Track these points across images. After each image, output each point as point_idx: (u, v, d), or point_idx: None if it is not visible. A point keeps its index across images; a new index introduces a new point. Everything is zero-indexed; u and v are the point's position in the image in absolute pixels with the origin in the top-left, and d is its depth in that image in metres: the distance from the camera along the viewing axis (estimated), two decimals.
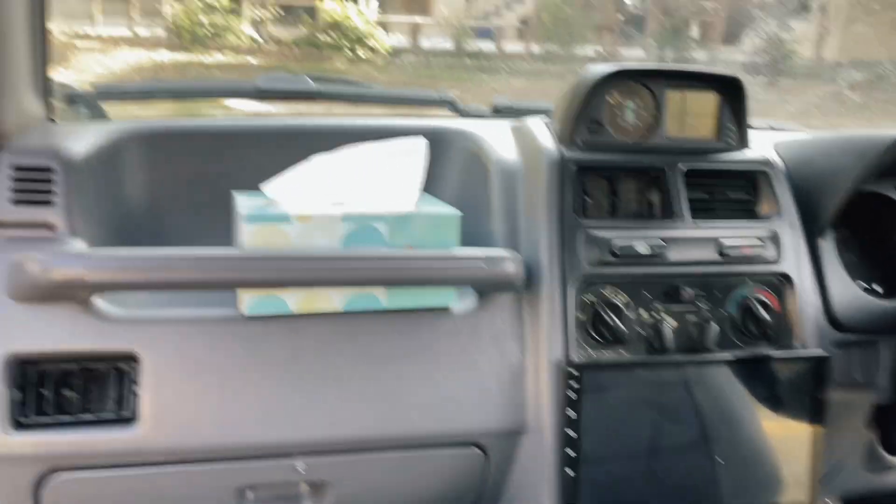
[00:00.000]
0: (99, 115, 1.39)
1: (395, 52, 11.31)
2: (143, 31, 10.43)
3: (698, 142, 1.29)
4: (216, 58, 10.12)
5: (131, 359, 1.02)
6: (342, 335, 1.10)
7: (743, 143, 1.31)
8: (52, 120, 1.21)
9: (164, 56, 9.93)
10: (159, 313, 1.04)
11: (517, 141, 1.31)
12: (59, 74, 1.24)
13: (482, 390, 1.14)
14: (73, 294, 0.98)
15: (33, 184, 1.05)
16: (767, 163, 1.31)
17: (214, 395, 1.04)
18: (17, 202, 1.05)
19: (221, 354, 1.04)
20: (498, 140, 1.32)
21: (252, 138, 1.29)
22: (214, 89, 1.40)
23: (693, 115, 1.29)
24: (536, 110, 1.56)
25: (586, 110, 1.24)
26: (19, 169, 1.06)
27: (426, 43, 12.14)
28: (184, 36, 10.28)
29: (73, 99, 1.32)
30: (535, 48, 11.90)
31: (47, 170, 1.06)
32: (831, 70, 11.43)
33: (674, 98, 1.28)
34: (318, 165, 1.13)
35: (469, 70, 11.02)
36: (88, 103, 1.34)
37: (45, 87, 1.16)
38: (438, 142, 1.36)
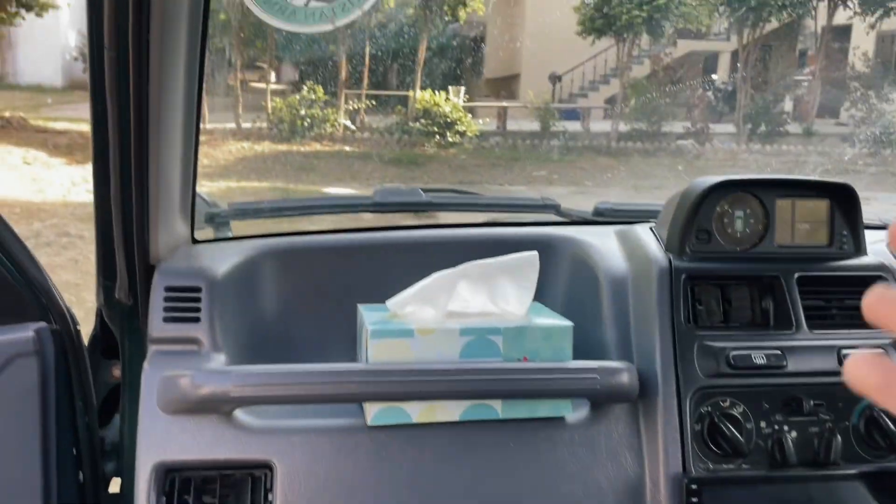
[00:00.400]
0: (227, 232, 1.52)
1: (483, 136, 11.61)
2: (247, 125, 11.15)
3: (811, 249, 1.29)
4: (314, 147, 10.68)
5: (267, 467, 1.08)
6: (460, 444, 1.13)
7: (858, 249, 1.30)
8: (195, 239, 1.33)
9: (266, 147, 10.57)
10: (292, 423, 1.11)
11: (624, 248, 1.34)
12: None
13: (599, 502, 1.14)
14: (217, 407, 1.06)
15: (183, 303, 1.16)
16: (885, 268, 1.29)
17: (341, 502, 1.08)
18: (168, 320, 1.15)
19: (348, 462, 1.10)
20: (604, 247, 1.36)
21: (372, 251, 1.38)
22: (335, 204, 1.51)
23: (804, 223, 1.29)
24: (639, 212, 1.60)
25: (695, 220, 1.26)
26: (171, 289, 1.17)
27: (513, 125, 12.41)
28: (284, 127, 10.92)
29: (212, 218, 1.45)
30: (622, 126, 11.97)
31: (195, 289, 1.17)
32: None
33: (783, 206, 1.29)
34: (437, 280, 1.19)
35: (556, 150, 11.17)
36: (225, 221, 1.47)
37: (192, 211, 1.29)
38: (545, 248, 1.41)
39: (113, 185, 1.11)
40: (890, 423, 1.18)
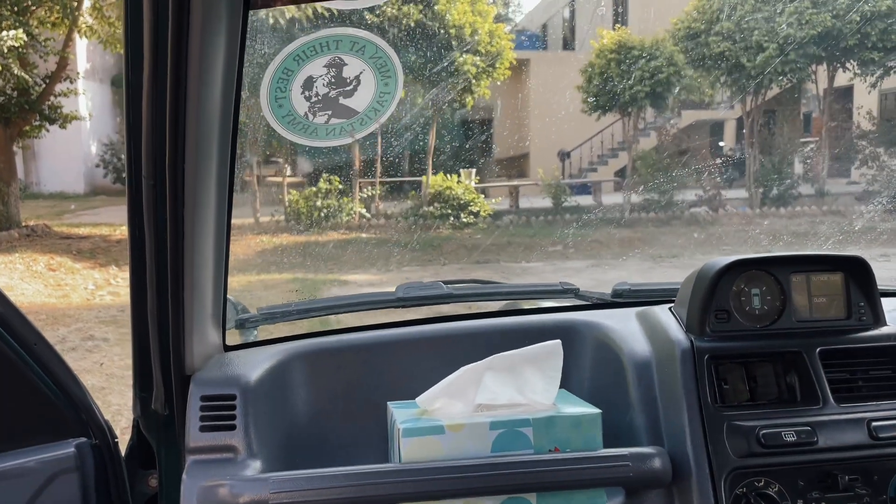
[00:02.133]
0: (254, 334, 1.56)
1: (497, 215, 11.77)
2: (265, 219, 11.40)
3: (830, 322, 1.31)
4: (331, 236, 10.86)
5: None
6: None
7: (878, 319, 1.31)
8: (227, 346, 1.37)
9: (285, 239, 10.76)
10: None
11: (645, 330, 1.37)
12: None
13: None
14: None
15: (218, 411, 1.19)
16: None
17: None
18: (205, 429, 1.18)
19: None
20: (626, 330, 1.38)
21: (399, 347, 1.41)
22: (360, 302, 1.56)
23: (821, 296, 1.31)
24: (657, 291, 1.62)
25: (713, 300, 1.29)
26: (207, 399, 1.20)
27: (525, 203, 12.59)
28: (301, 219, 11.14)
29: (243, 323, 1.49)
30: (635, 198, 12.10)
31: (230, 397, 1.20)
32: None
33: (798, 281, 1.31)
34: (465, 374, 1.22)
35: (569, 225, 11.27)
36: (253, 326, 1.51)
37: (223, 319, 1.33)
38: (568, 334, 1.44)
39: (150, 301, 1.16)
40: None
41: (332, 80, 1.14)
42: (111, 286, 8.20)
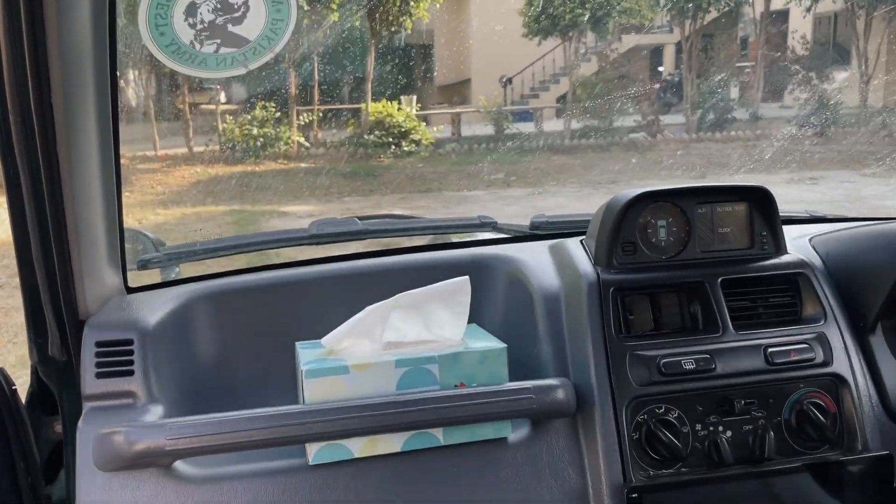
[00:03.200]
0: (170, 273, 1.51)
1: (439, 143, 11.65)
2: (199, 148, 11.03)
3: (733, 252, 1.33)
4: (269, 166, 10.61)
5: None
6: (404, 474, 1.14)
7: (779, 248, 1.34)
8: (128, 288, 1.32)
9: (221, 169, 10.46)
10: (233, 469, 1.11)
11: (556, 263, 1.37)
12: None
13: None
14: (154, 461, 1.05)
15: (115, 357, 1.15)
16: (805, 265, 1.33)
17: None
18: (101, 375, 1.15)
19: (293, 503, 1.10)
20: (538, 263, 1.38)
21: (309, 285, 1.38)
22: (271, 240, 1.51)
23: (724, 227, 1.33)
24: (574, 223, 1.63)
25: (619, 233, 1.30)
26: (101, 344, 1.16)
27: (467, 130, 12.48)
28: (237, 148, 10.83)
29: (146, 265, 1.44)
30: (575, 124, 12.11)
31: (127, 342, 1.16)
32: (878, 115, 11.31)
33: (703, 213, 1.33)
34: (372, 312, 1.20)
35: (511, 152, 11.26)
36: (159, 266, 1.46)
37: (122, 260, 1.28)
38: (482, 269, 1.43)
39: (34, 244, 1.10)
40: (820, 416, 1.22)
41: (218, 5, 1.06)
42: None
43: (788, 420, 1.24)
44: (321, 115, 11.69)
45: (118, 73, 1.07)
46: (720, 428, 1.21)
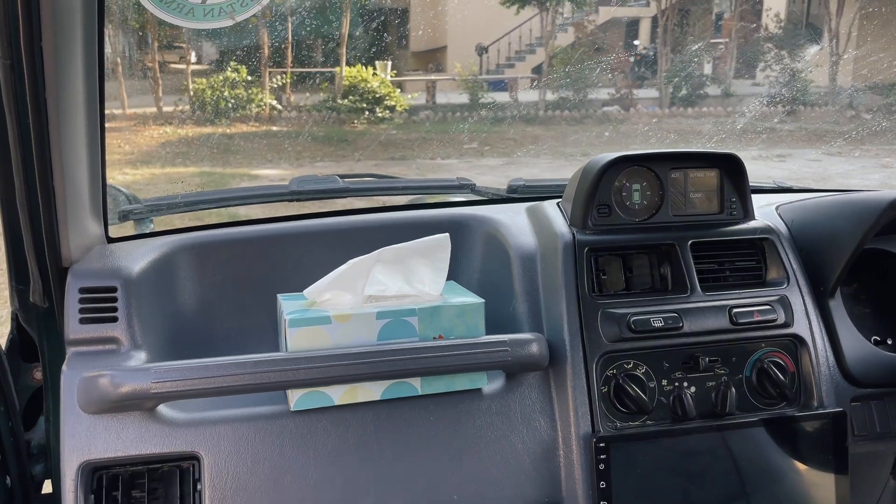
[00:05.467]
0: (149, 226, 1.51)
1: (413, 110, 11.59)
2: (168, 108, 10.83)
3: (703, 216, 1.38)
4: (240, 128, 10.47)
5: (194, 458, 1.11)
6: (382, 422, 1.18)
7: (747, 214, 1.39)
8: (109, 238, 1.33)
9: (191, 130, 10.30)
10: (216, 414, 1.14)
11: (533, 224, 1.41)
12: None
13: (517, 466, 1.21)
14: (139, 404, 1.08)
15: (98, 303, 1.17)
16: (771, 230, 1.38)
17: (270, 487, 1.12)
18: (85, 321, 1.16)
19: (274, 447, 1.13)
20: (515, 224, 1.42)
21: (291, 240, 1.40)
22: (252, 195, 1.53)
23: (696, 192, 1.38)
24: (550, 187, 1.66)
25: (595, 195, 1.33)
26: (85, 291, 1.17)
27: (442, 98, 12.42)
28: (207, 109, 10.65)
29: (126, 216, 1.44)
30: (550, 95, 12.12)
31: (111, 289, 1.18)
32: (847, 95, 11.49)
33: (677, 177, 1.37)
34: (354, 266, 1.23)
35: (485, 122, 11.24)
36: (141, 218, 1.46)
37: (103, 210, 1.29)
38: (460, 228, 1.47)
39: (18, 190, 1.10)
40: (779, 374, 1.29)
41: None
42: None
43: (749, 377, 1.30)
44: (294, 77, 11.53)
45: (105, 23, 1.07)
46: (685, 384, 1.27)
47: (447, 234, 1.27)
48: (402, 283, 1.24)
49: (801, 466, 1.29)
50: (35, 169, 1.06)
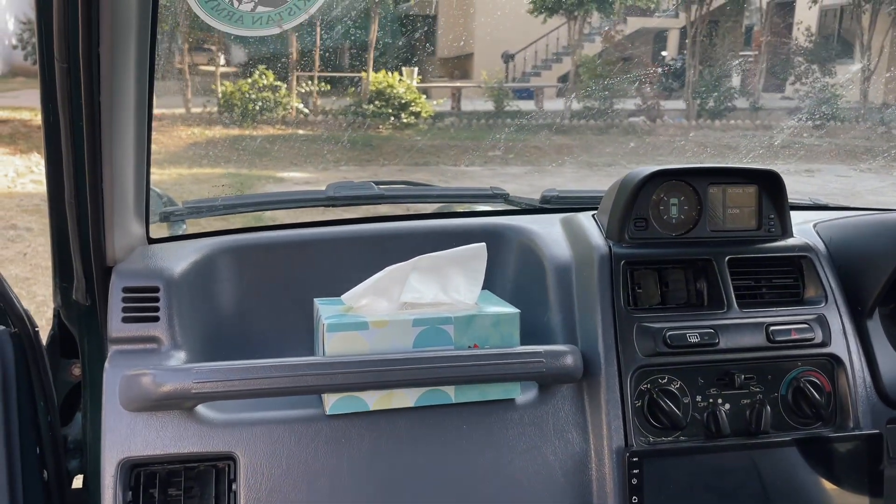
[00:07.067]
0: (182, 227, 1.54)
1: (438, 117, 11.62)
2: (196, 109, 10.95)
3: (741, 232, 1.37)
4: (267, 130, 10.56)
5: (230, 459, 1.13)
6: (416, 429, 1.19)
7: (785, 231, 1.38)
8: (151, 239, 1.36)
9: (218, 132, 10.41)
10: (253, 415, 1.15)
11: (568, 235, 1.41)
12: None
13: (548, 478, 1.21)
14: (179, 403, 1.09)
15: (141, 303, 1.19)
16: (809, 248, 1.37)
17: (304, 489, 1.13)
18: (127, 320, 1.18)
19: (308, 450, 1.15)
20: (549, 235, 1.42)
21: (327, 245, 1.42)
22: (289, 199, 1.54)
23: (734, 208, 1.37)
24: (583, 198, 1.66)
25: (632, 208, 1.33)
26: (129, 290, 1.19)
27: (468, 105, 12.45)
28: (236, 111, 10.76)
29: (167, 216, 1.47)
30: (575, 105, 12.09)
31: (153, 289, 1.20)
32: (878, 111, 11.35)
33: (715, 193, 1.37)
34: (391, 273, 1.24)
35: (511, 130, 11.24)
36: (179, 219, 1.49)
37: (146, 212, 1.31)
38: (494, 238, 1.47)
39: (67, 190, 1.13)
40: (815, 394, 1.28)
41: None
42: (33, 174, 7.84)
43: (785, 396, 1.29)
44: (321, 82, 11.61)
45: (157, 30, 1.09)
46: (719, 400, 1.26)
47: (483, 244, 1.28)
48: (438, 291, 1.24)
49: (834, 488, 1.28)
50: (85, 171, 1.09)
